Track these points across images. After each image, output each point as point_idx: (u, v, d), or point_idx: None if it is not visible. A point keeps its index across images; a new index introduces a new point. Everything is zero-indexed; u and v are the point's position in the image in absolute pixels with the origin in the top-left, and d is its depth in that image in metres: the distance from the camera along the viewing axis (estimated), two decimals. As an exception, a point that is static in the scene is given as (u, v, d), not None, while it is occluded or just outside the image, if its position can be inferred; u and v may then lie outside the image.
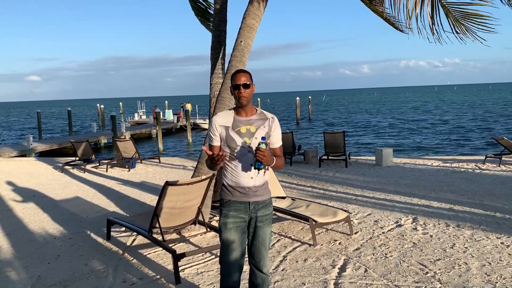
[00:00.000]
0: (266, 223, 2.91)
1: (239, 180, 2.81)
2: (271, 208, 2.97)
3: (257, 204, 2.86)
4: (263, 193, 2.88)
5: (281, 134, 3.02)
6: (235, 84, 2.79)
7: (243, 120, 2.84)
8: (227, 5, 6.50)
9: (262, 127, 2.85)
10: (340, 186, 8.53)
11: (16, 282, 4.29)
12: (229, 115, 2.86)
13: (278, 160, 2.86)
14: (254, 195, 2.84)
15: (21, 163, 14.20)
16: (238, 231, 2.84)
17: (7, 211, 7.33)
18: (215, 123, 2.84)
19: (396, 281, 4.02)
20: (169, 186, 4.49)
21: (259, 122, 2.87)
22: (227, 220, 2.84)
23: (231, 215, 2.84)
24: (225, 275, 2.88)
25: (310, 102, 45.79)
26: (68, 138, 23.16)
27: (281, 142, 3.00)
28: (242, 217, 2.85)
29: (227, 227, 2.84)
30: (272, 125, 2.90)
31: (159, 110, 25.45)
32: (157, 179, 10.05)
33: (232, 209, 2.84)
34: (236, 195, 2.84)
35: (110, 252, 5.08)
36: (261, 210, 2.88)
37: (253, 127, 2.83)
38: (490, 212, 6.31)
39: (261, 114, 2.92)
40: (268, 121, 2.90)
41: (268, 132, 2.87)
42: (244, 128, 2.82)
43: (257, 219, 2.88)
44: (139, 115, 40.99)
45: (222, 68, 6.44)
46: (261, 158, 2.64)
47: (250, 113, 2.88)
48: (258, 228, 2.89)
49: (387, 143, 23.93)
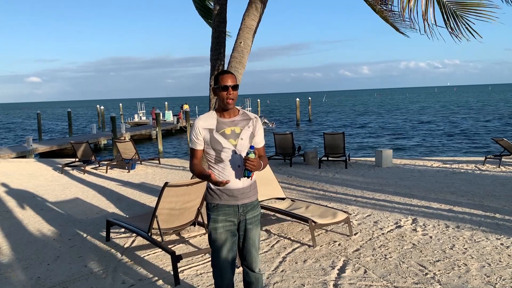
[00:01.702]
0: (255, 224, 2.92)
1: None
2: (259, 208, 2.97)
3: (246, 206, 2.85)
4: (251, 194, 2.87)
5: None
6: (223, 85, 2.73)
7: (227, 122, 2.81)
8: (227, 6, 6.51)
9: (246, 128, 2.83)
10: (339, 187, 8.53)
11: (15, 284, 4.29)
12: (212, 117, 2.82)
13: (263, 161, 2.87)
14: (242, 197, 2.82)
15: (21, 164, 14.19)
16: (228, 235, 2.83)
17: (6, 212, 7.33)
18: (198, 127, 2.79)
19: (396, 282, 4.01)
20: (169, 187, 4.50)
21: (243, 122, 2.84)
22: (217, 225, 2.82)
23: (221, 219, 2.82)
24: (219, 278, 2.88)
25: (310, 103, 45.82)
26: (68, 139, 23.16)
27: (264, 141, 3.00)
28: (231, 220, 2.84)
29: (218, 232, 2.82)
30: (256, 125, 2.89)
31: (158, 111, 25.44)
32: (156, 180, 10.05)
33: (221, 213, 2.82)
34: (224, 198, 2.81)
35: (109, 253, 5.07)
36: (249, 212, 2.87)
37: (238, 128, 2.80)
38: (490, 213, 6.31)
39: (244, 115, 2.89)
40: (252, 121, 2.88)
41: (253, 132, 2.86)
42: (229, 129, 2.79)
43: (246, 221, 2.87)
44: (139, 116, 41.03)
45: (222, 69, 6.45)
46: (251, 168, 2.63)
47: (233, 114, 2.84)
48: (248, 231, 2.89)
49: (387, 143, 23.94)
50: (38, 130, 28.25)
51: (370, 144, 24.01)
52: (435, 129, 30.31)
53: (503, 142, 10.96)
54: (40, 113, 29.76)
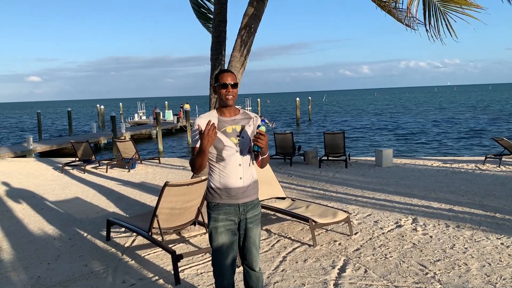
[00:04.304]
0: (256, 223, 2.92)
1: (227, 181, 2.78)
2: (260, 207, 2.98)
3: (246, 205, 2.85)
4: (251, 193, 2.87)
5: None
6: (223, 83, 2.76)
7: (228, 120, 2.83)
8: (227, 6, 6.50)
9: (247, 126, 2.85)
10: (340, 187, 8.53)
11: (16, 283, 4.29)
12: (213, 116, 2.83)
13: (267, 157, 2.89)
14: (243, 196, 2.82)
15: (21, 163, 14.19)
16: (229, 234, 2.83)
17: (7, 212, 7.33)
18: (199, 125, 2.79)
19: (396, 281, 4.02)
20: (169, 187, 4.50)
21: (244, 121, 2.86)
22: (218, 224, 2.82)
23: (221, 218, 2.82)
24: (220, 277, 2.88)
25: (310, 103, 45.82)
26: (68, 138, 23.16)
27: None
28: (232, 219, 2.84)
29: (218, 231, 2.82)
30: (256, 124, 2.90)
31: (159, 110, 25.45)
32: (157, 180, 10.05)
33: (221, 213, 2.82)
34: (224, 198, 2.81)
35: (109, 252, 5.08)
36: (250, 211, 2.88)
37: (239, 126, 2.82)
38: (490, 213, 6.31)
39: (245, 114, 2.92)
40: (252, 120, 2.91)
41: (253, 131, 2.87)
42: (230, 128, 2.81)
43: (247, 220, 2.87)
44: (139, 115, 41.04)
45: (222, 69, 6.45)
46: (260, 143, 2.65)
47: (233, 113, 2.87)
48: (249, 230, 2.89)
49: (387, 143, 23.94)
50: (38, 129, 28.25)
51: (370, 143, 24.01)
52: (448, 131, 29.65)
53: (503, 141, 10.96)
54: (40, 112, 29.77)
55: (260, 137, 2.65)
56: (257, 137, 2.66)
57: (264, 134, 2.66)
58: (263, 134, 2.65)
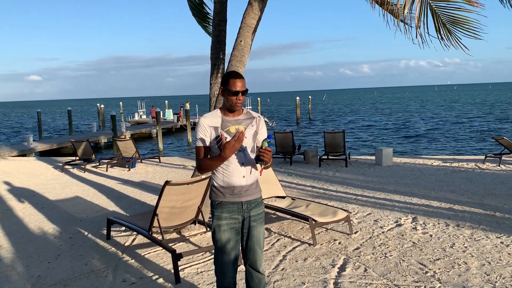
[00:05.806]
0: (260, 222, 2.93)
1: (231, 180, 2.81)
2: (263, 206, 2.99)
3: (250, 203, 2.87)
4: (254, 192, 2.89)
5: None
6: (234, 90, 2.76)
7: (232, 120, 2.86)
8: (227, 5, 6.50)
9: (250, 126, 2.88)
10: (340, 186, 8.53)
11: (16, 282, 4.30)
12: (217, 116, 2.86)
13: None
14: (246, 195, 2.84)
15: (21, 162, 14.20)
16: (232, 233, 2.85)
17: (7, 211, 7.34)
18: (204, 124, 2.82)
19: (396, 280, 4.02)
20: (169, 186, 4.50)
21: (247, 121, 2.90)
22: (221, 222, 2.84)
23: (225, 216, 2.84)
24: (221, 276, 2.89)
25: (310, 102, 45.80)
26: (68, 137, 23.16)
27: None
28: (235, 218, 2.85)
29: (221, 229, 2.84)
30: (259, 124, 2.94)
31: (158, 109, 25.43)
32: (157, 179, 10.06)
33: (225, 211, 2.84)
34: (228, 196, 2.83)
35: (110, 251, 5.08)
36: (253, 209, 2.89)
37: (242, 127, 2.85)
38: (490, 212, 6.31)
39: (248, 114, 2.94)
40: (255, 120, 2.93)
41: (256, 131, 2.91)
42: (233, 127, 2.83)
43: (250, 218, 2.88)
44: (139, 114, 41.03)
45: (222, 68, 6.44)
46: (265, 158, 2.67)
47: (237, 113, 2.89)
48: (252, 228, 2.89)
49: (387, 142, 23.93)
50: (38, 128, 28.25)
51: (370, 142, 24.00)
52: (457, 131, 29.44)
53: (503, 140, 10.96)
54: (40, 111, 29.76)
55: (266, 152, 2.67)
56: (263, 152, 2.68)
57: (270, 150, 2.69)
58: (270, 150, 2.68)
